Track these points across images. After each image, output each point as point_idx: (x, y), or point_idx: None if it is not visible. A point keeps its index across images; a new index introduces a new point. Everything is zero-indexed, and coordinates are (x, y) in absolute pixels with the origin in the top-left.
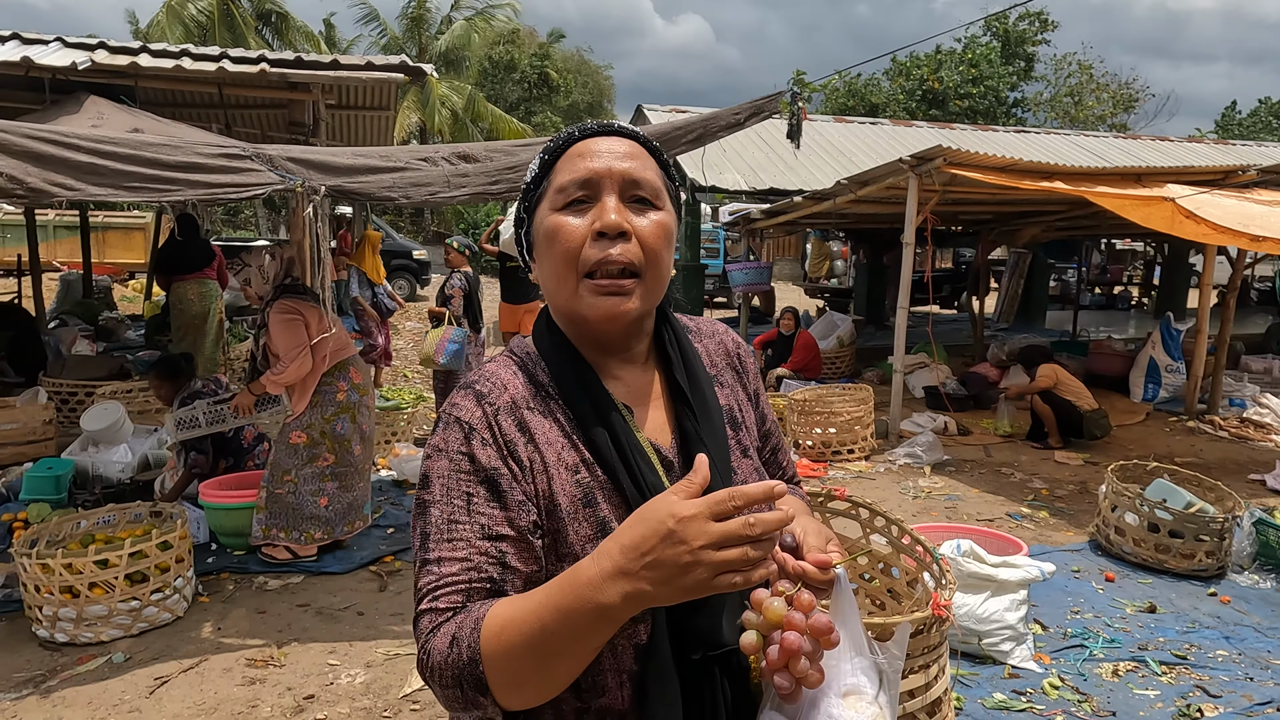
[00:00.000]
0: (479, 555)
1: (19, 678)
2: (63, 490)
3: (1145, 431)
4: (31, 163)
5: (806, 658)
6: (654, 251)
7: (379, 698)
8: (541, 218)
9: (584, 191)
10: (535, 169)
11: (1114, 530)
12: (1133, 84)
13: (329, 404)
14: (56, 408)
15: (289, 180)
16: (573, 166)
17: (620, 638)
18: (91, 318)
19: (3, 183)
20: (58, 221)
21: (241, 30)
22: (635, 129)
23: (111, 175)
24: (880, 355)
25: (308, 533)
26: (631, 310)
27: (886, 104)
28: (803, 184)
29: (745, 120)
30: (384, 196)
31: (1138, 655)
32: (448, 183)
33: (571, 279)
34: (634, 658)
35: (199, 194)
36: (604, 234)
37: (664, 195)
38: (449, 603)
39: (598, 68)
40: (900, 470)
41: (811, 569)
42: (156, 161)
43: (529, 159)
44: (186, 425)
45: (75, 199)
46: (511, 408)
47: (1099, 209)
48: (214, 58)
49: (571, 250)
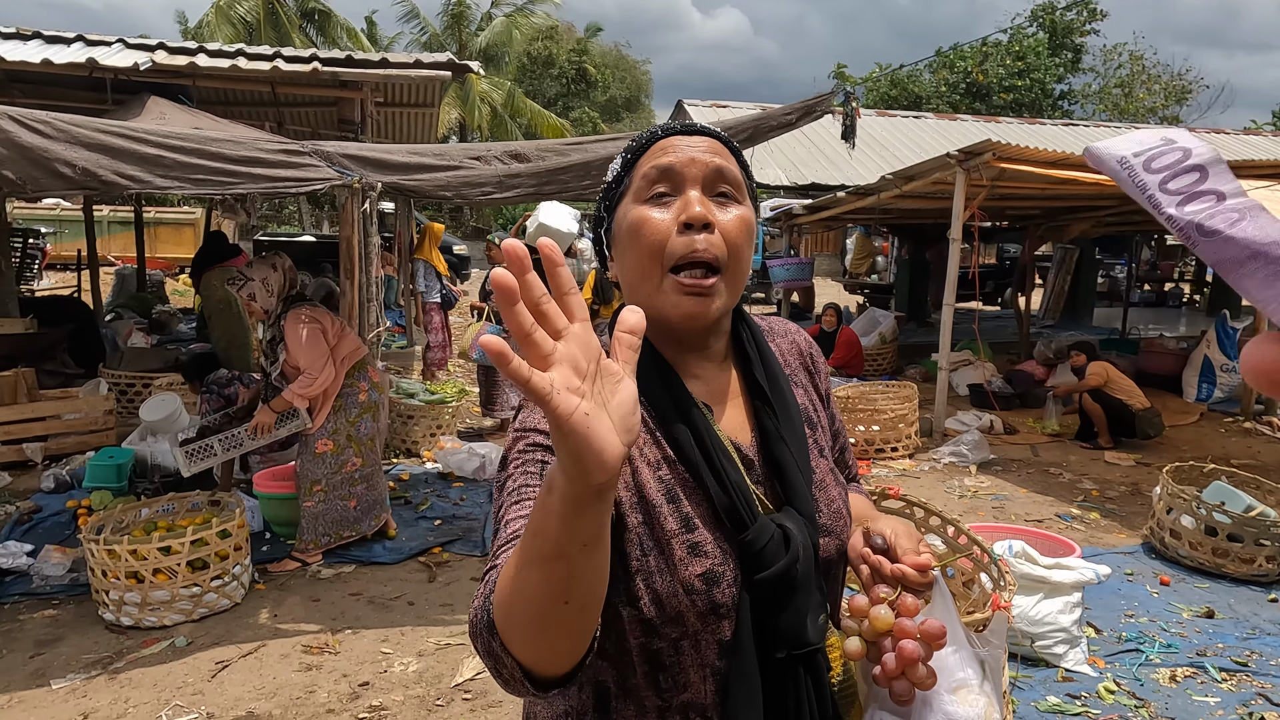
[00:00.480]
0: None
1: (88, 659)
2: (123, 479)
3: (1199, 432)
4: (103, 154)
5: (921, 662)
6: (736, 246)
7: (431, 686)
8: (624, 212)
9: (668, 184)
10: (617, 167)
11: (1169, 533)
12: (1186, 74)
13: (352, 406)
14: (115, 398)
15: (346, 176)
16: (655, 160)
17: (704, 634)
18: (145, 311)
19: (78, 175)
20: (112, 217)
21: (286, 29)
22: (716, 129)
23: (178, 168)
24: (922, 352)
25: (336, 534)
26: (714, 311)
27: (929, 97)
28: (845, 179)
29: (797, 120)
30: (438, 195)
31: (1196, 661)
32: (500, 183)
33: (656, 273)
34: (718, 654)
35: (260, 188)
36: (690, 225)
37: (744, 192)
38: (506, 557)
39: (635, 62)
40: (945, 469)
41: (911, 572)
42: (220, 155)
43: (580, 160)
44: (200, 456)
45: (144, 191)
46: None
47: None
48: (268, 57)
49: (657, 243)
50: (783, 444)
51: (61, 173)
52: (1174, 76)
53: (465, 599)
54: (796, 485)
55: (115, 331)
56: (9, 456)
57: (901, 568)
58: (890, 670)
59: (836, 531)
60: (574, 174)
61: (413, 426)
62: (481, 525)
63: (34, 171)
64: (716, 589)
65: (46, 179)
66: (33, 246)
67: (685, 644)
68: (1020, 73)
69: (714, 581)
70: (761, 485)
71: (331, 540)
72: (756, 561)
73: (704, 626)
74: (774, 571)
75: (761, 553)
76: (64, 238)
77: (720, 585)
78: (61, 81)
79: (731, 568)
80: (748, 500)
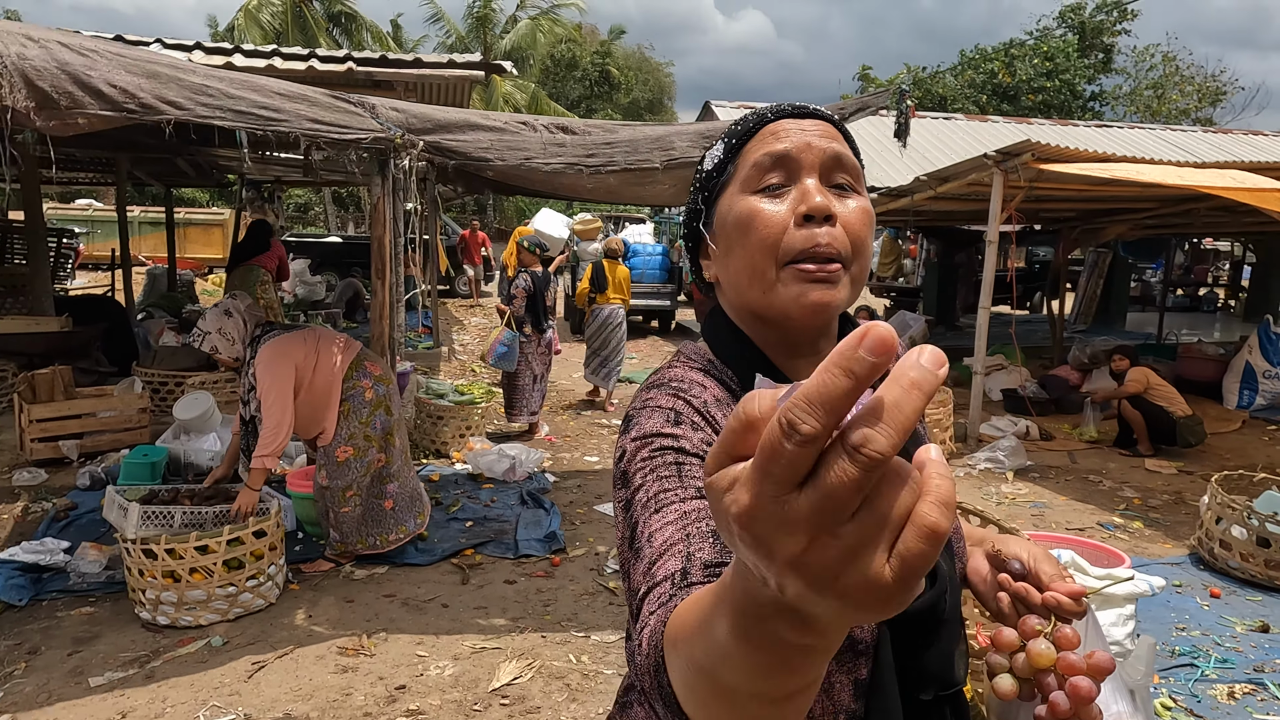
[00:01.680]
0: (695, 512)
1: (125, 657)
2: (157, 476)
3: (1242, 440)
4: (146, 79)
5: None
6: (860, 239)
7: (468, 690)
8: (730, 204)
9: (781, 173)
10: (720, 155)
11: (1218, 544)
12: (1220, 75)
13: (361, 407)
14: (149, 396)
15: (390, 130)
16: (767, 146)
17: (838, 674)
18: (176, 310)
19: (116, 95)
20: (143, 218)
21: (313, 31)
22: (828, 111)
23: (222, 97)
24: (952, 356)
25: (382, 536)
26: (840, 301)
27: (954, 98)
28: (874, 180)
29: (850, 116)
30: (479, 156)
31: (1254, 677)
32: (544, 149)
33: (771, 269)
34: (853, 695)
35: (304, 128)
36: (810, 217)
37: (862, 179)
38: (666, 571)
39: (658, 65)
40: (981, 475)
41: (1067, 601)
42: (266, 89)
43: (629, 136)
44: (155, 521)
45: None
46: (716, 404)
47: (1194, 206)
48: (303, 57)
49: (772, 237)
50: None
51: (102, 91)
52: (1208, 78)
53: (499, 602)
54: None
55: (147, 330)
56: (45, 454)
57: (1056, 596)
58: (1063, 712)
59: (957, 552)
60: (622, 149)
61: (442, 427)
62: (513, 528)
63: (71, 87)
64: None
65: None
66: (66, 246)
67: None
68: (1049, 74)
69: None
70: None
71: (378, 543)
72: None
73: (838, 666)
74: (921, 605)
75: None
76: (96, 238)
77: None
78: None
79: None
80: None
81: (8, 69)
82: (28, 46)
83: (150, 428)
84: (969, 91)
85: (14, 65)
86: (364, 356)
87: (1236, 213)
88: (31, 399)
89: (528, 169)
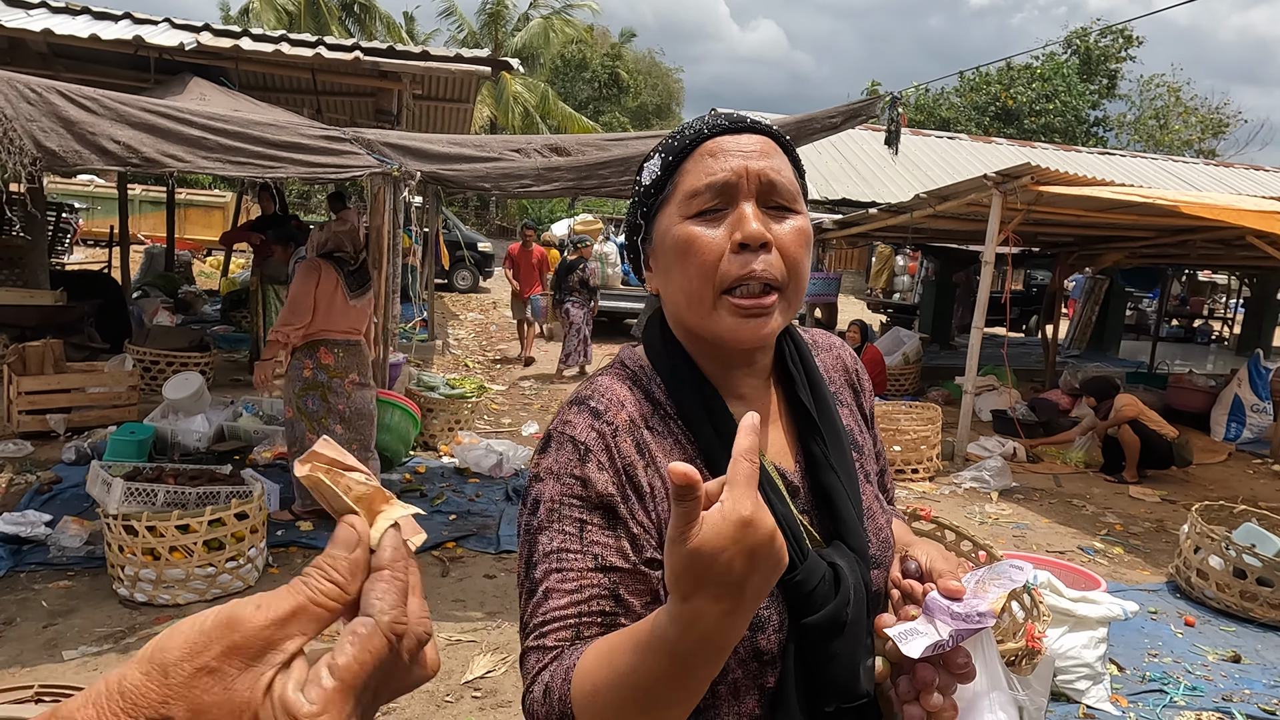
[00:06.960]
0: (591, 588)
1: (100, 632)
2: (143, 455)
3: (1226, 472)
4: (147, 133)
5: (939, 691)
6: (795, 262)
7: (441, 682)
8: (667, 226)
9: (718, 199)
10: (657, 170)
11: (1195, 573)
12: (1224, 108)
13: (296, 379)
14: (140, 374)
15: (386, 164)
16: (704, 168)
17: (745, 681)
18: (172, 290)
19: (120, 151)
20: (144, 196)
21: (326, 19)
22: (766, 122)
23: (221, 150)
24: (944, 375)
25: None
26: (774, 330)
27: (957, 119)
28: (875, 196)
29: (841, 124)
30: (476, 186)
31: (1222, 706)
32: (539, 176)
33: (709, 296)
34: (758, 702)
35: (301, 172)
36: (746, 245)
37: (800, 198)
38: (556, 640)
39: (668, 70)
40: (965, 494)
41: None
42: (263, 140)
43: (621, 155)
44: (136, 497)
45: (184, 170)
46: (630, 427)
47: (1190, 238)
48: (310, 44)
49: (708, 264)
50: (831, 472)
51: (106, 148)
52: (1211, 110)
53: (477, 596)
54: (847, 517)
55: (141, 309)
56: (33, 426)
57: (931, 588)
58: (903, 694)
59: (885, 563)
60: (614, 169)
61: (431, 420)
62: (496, 523)
63: (77, 146)
64: (761, 635)
65: (90, 153)
66: (65, 221)
67: (722, 689)
68: (1048, 96)
69: (759, 627)
70: (807, 515)
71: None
72: (805, 604)
73: (745, 674)
74: (823, 616)
75: (811, 595)
76: (96, 214)
77: (765, 631)
78: (105, 59)
79: (778, 611)
80: (796, 536)
81: (17, 132)
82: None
83: (139, 406)
84: (974, 114)
85: (23, 129)
86: (326, 344)
87: (1231, 245)
88: (22, 371)
89: (524, 195)
